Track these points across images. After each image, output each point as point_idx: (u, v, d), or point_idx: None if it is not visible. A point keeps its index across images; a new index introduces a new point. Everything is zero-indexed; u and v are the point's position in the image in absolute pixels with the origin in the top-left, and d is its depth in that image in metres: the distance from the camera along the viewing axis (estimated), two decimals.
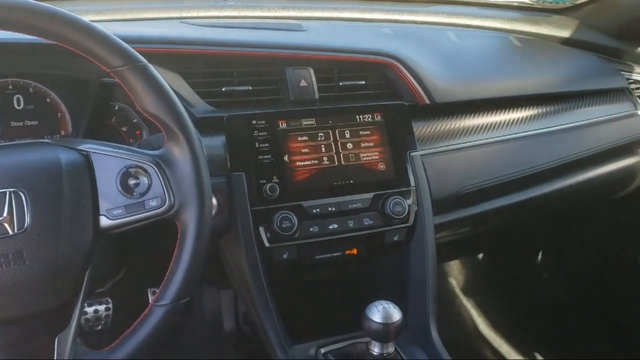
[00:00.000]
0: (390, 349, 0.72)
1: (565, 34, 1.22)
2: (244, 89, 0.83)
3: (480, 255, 1.70)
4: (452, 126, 0.92)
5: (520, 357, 1.48)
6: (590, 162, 1.06)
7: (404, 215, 0.82)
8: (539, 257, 1.65)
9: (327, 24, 1.08)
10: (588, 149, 1.03)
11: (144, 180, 0.60)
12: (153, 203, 0.59)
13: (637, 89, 1.14)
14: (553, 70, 1.07)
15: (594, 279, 1.55)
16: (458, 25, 1.18)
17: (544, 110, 1.00)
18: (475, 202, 0.95)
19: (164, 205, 0.59)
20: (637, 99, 1.11)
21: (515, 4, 1.35)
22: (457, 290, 1.65)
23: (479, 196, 0.94)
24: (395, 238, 0.84)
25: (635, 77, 1.15)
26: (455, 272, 1.67)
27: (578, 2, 1.29)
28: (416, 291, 0.85)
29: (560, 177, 1.04)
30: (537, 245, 1.65)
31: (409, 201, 0.83)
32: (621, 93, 1.08)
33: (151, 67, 0.59)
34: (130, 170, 0.60)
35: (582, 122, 1.03)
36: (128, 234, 0.61)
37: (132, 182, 0.60)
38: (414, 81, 0.88)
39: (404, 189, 0.83)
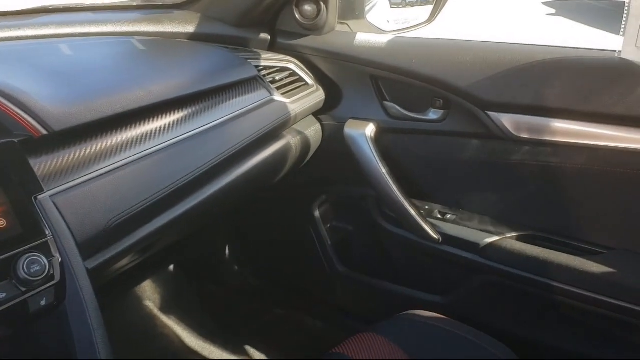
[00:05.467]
0: None
1: (190, 29, 1.19)
2: None
3: (172, 267, 1.63)
4: (85, 153, 0.79)
5: (234, 357, 1.48)
6: (243, 155, 1.06)
7: (45, 274, 0.67)
8: (227, 252, 1.66)
9: None
10: (237, 142, 1.02)
11: None
12: None
13: (268, 74, 1.18)
14: (184, 70, 1.02)
15: (276, 258, 1.63)
16: (72, 35, 1.05)
17: (184, 113, 0.94)
18: (133, 230, 0.84)
19: None
20: (270, 84, 1.14)
21: (134, 4, 1.28)
22: (157, 311, 1.55)
23: (135, 222, 0.84)
24: (43, 303, 0.69)
25: (264, 63, 1.18)
26: (149, 293, 1.57)
27: None
28: (85, 352, 0.72)
29: (218, 177, 1.00)
30: (222, 241, 1.65)
31: (49, 254, 0.69)
32: (254, 82, 1.10)
33: None
34: None
35: (225, 118, 1.00)
36: None
37: None
38: (19, 111, 0.72)
39: (38, 242, 0.68)
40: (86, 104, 0.81)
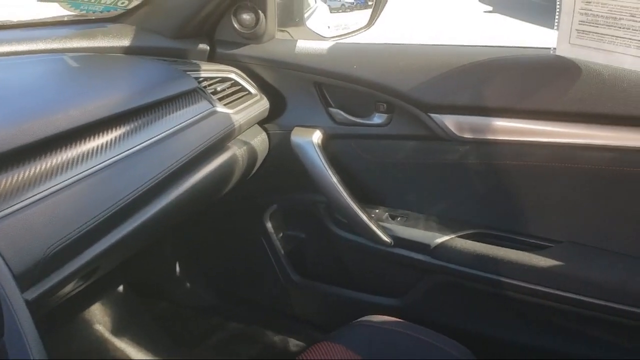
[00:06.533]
0: None
1: (125, 42, 1.16)
2: None
3: (121, 288, 1.58)
4: (17, 179, 0.74)
5: None
6: (188, 170, 1.03)
7: None
8: (177, 268, 1.62)
9: None
10: (180, 157, 0.99)
11: None
12: None
13: (209, 85, 1.15)
14: (120, 85, 0.99)
15: (229, 272, 1.60)
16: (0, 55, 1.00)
17: (123, 130, 0.91)
18: (74, 256, 0.81)
19: None
20: (211, 95, 1.12)
21: (65, 19, 1.23)
22: (108, 335, 1.50)
23: (75, 248, 0.80)
24: None
25: (204, 74, 1.16)
26: (99, 316, 1.51)
27: (130, 7, 1.24)
28: None
29: (162, 194, 0.97)
30: (172, 258, 1.61)
31: None
32: (194, 94, 1.07)
33: None
34: None
35: (166, 133, 0.97)
36: None
37: None
38: None
39: None
40: (16, 127, 0.77)
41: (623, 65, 0.94)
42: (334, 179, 1.20)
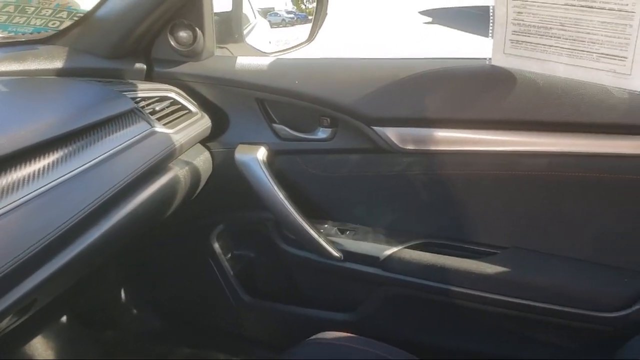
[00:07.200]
0: None
1: (58, 64, 1.11)
2: None
3: (64, 318, 1.51)
4: None
5: None
6: (127, 193, 0.99)
7: None
8: (122, 294, 1.56)
9: None
10: (119, 180, 0.95)
11: None
12: None
13: (147, 105, 1.12)
14: (52, 109, 0.95)
15: (177, 296, 1.56)
16: None
17: (56, 156, 0.86)
18: (6, 291, 0.75)
19: None
20: (150, 116, 1.08)
21: None
22: None
23: (8, 282, 0.75)
24: None
25: (141, 94, 1.12)
26: (41, 350, 1.43)
27: (61, 27, 1.19)
28: None
29: (101, 220, 0.93)
30: (116, 284, 1.56)
31: None
32: (132, 114, 1.03)
33: None
34: None
35: (103, 156, 0.93)
36: None
37: None
38: None
39: None
40: None
41: (556, 73, 0.97)
42: (281, 196, 1.19)
